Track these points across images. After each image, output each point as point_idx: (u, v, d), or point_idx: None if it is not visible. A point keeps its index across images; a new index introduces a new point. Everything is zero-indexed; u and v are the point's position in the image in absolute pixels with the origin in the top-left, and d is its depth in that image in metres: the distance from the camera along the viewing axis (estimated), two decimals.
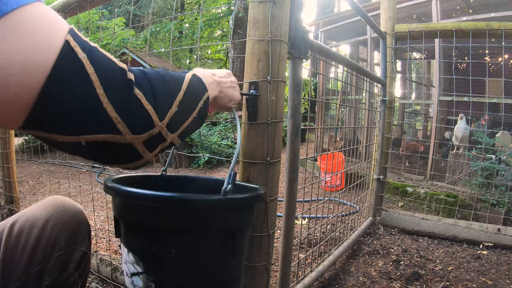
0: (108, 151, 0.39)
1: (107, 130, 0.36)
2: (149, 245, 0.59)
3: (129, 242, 0.62)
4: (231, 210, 0.61)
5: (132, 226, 0.61)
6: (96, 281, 1.41)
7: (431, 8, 3.77)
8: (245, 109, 0.84)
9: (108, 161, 0.42)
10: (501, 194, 2.48)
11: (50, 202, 0.72)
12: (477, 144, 3.15)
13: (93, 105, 0.34)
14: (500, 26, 1.89)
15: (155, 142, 0.43)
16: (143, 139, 0.41)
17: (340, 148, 4.28)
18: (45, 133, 0.33)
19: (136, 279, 0.61)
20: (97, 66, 0.34)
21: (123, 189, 0.57)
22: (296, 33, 0.88)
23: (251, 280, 0.89)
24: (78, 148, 0.37)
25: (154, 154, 0.45)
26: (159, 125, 0.42)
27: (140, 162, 0.44)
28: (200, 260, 0.60)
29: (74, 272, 0.71)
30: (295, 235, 1.12)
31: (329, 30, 5.43)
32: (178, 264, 0.58)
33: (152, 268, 0.59)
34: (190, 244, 0.58)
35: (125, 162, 0.43)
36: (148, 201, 0.55)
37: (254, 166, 0.84)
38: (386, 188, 3.02)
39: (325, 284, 1.45)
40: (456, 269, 1.59)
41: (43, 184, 3.44)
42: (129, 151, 0.41)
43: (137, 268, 0.60)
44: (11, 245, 0.65)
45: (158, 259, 0.59)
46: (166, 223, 0.57)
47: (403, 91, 6.52)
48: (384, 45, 2.14)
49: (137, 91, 0.39)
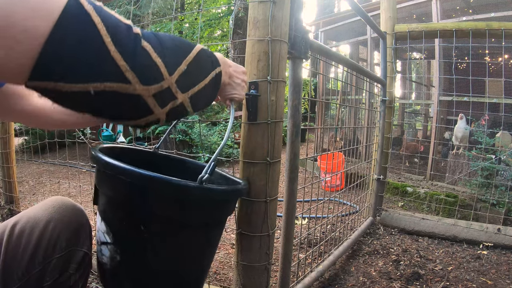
0: (117, 104, 0.38)
1: (115, 78, 0.36)
2: (121, 219, 0.59)
3: (104, 212, 0.63)
4: (203, 200, 0.60)
5: (108, 197, 0.62)
6: (96, 281, 1.41)
7: (431, 8, 3.77)
8: (245, 109, 0.84)
9: (118, 115, 0.41)
10: (501, 194, 2.48)
11: (51, 203, 0.72)
12: (477, 144, 3.15)
13: (101, 52, 0.34)
14: (500, 26, 1.89)
15: (166, 98, 0.43)
16: (153, 92, 0.40)
17: (340, 148, 4.28)
18: (52, 83, 0.33)
19: (104, 248, 0.62)
20: (104, 18, 0.35)
21: (102, 158, 0.58)
22: (296, 33, 0.88)
23: (251, 280, 0.89)
24: (86, 100, 0.36)
25: (165, 111, 0.43)
26: (168, 79, 0.41)
27: (150, 118, 0.42)
28: (167, 242, 0.60)
29: (75, 273, 0.71)
30: (295, 235, 1.12)
31: (329, 30, 5.43)
32: (145, 241, 0.59)
33: (119, 241, 0.60)
34: (160, 226, 0.58)
35: (136, 117, 0.42)
36: (122, 175, 0.55)
37: (254, 166, 0.84)
38: (386, 188, 3.02)
39: (325, 284, 1.45)
40: (456, 269, 1.59)
41: (43, 184, 3.44)
42: (139, 104, 0.40)
43: (106, 238, 0.61)
44: (13, 246, 0.65)
45: (127, 233, 0.59)
46: (138, 200, 0.57)
47: (403, 91, 6.52)
48: (384, 45, 2.14)
49: (145, 44, 0.39)
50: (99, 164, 0.59)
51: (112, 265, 0.62)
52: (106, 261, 0.62)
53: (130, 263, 0.61)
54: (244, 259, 0.88)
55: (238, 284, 0.90)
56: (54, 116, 0.68)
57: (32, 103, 0.66)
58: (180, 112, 0.47)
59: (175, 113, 0.46)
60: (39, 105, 0.66)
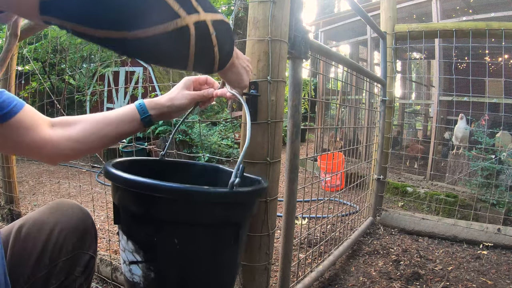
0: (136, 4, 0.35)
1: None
2: (151, 235, 0.57)
3: (129, 230, 0.60)
4: (237, 204, 0.60)
5: (134, 214, 0.60)
6: (96, 281, 1.41)
7: (431, 8, 3.77)
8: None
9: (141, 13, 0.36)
10: (501, 194, 2.48)
11: (58, 206, 0.72)
12: (477, 144, 3.15)
13: None
14: (500, 26, 1.89)
15: (186, 4, 0.40)
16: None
17: (340, 148, 4.28)
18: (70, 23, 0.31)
19: (135, 268, 0.60)
20: None
21: (124, 177, 0.55)
22: (296, 33, 0.88)
23: (251, 280, 0.89)
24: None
25: (191, 20, 0.40)
26: None
27: (179, 23, 0.39)
28: (202, 251, 0.58)
29: (81, 276, 0.71)
30: (295, 235, 1.12)
31: (329, 30, 5.43)
32: (180, 254, 0.57)
33: (152, 258, 0.58)
34: (193, 235, 0.57)
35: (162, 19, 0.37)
36: (154, 192, 0.53)
37: (254, 166, 0.84)
38: (386, 188, 3.02)
39: (325, 284, 1.45)
40: (456, 269, 1.59)
41: (43, 184, 3.44)
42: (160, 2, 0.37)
43: (136, 257, 0.59)
44: (19, 248, 0.65)
45: (159, 249, 0.57)
46: (170, 214, 0.55)
47: (403, 91, 6.51)
48: (384, 45, 2.14)
49: None
50: (120, 182, 0.57)
51: (146, 284, 0.59)
52: (138, 280, 0.60)
53: (167, 278, 0.59)
54: (244, 259, 0.88)
55: (238, 284, 0.90)
56: (61, 145, 0.66)
57: (40, 133, 0.64)
58: (205, 35, 0.43)
59: (202, 31, 0.42)
60: (47, 136, 0.65)
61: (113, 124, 0.69)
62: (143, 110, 0.71)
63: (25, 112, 0.63)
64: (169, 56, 0.42)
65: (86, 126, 0.68)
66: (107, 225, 2.11)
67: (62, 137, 0.66)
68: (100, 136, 0.68)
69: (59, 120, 0.69)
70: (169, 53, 0.41)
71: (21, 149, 0.66)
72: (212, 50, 0.45)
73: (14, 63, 2.02)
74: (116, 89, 6.07)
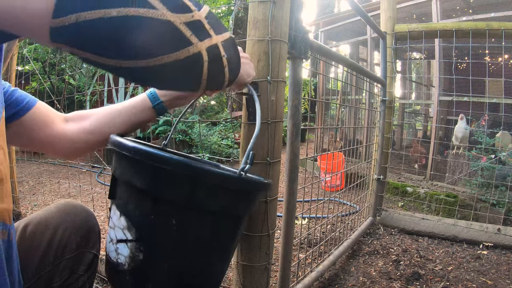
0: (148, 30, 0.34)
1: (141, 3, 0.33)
2: (148, 213, 0.53)
3: (124, 206, 0.56)
4: (242, 192, 0.57)
5: (133, 188, 0.56)
6: (96, 280, 1.41)
7: (431, 8, 3.77)
8: (245, 109, 0.84)
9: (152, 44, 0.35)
10: (501, 194, 2.48)
11: (62, 206, 0.74)
12: (477, 144, 3.15)
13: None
14: (500, 26, 1.89)
15: (199, 30, 0.39)
16: (184, 20, 0.37)
17: (340, 148, 4.28)
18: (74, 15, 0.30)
19: (123, 246, 0.55)
20: None
21: (132, 145, 0.52)
22: (296, 33, 0.88)
23: (251, 280, 0.89)
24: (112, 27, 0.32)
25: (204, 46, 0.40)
26: (197, 13, 0.39)
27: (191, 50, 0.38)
28: (199, 237, 0.55)
29: (84, 274, 0.73)
30: (295, 235, 1.12)
31: (329, 30, 5.42)
32: (175, 237, 0.54)
33: (145, 237, 0.54)
34: (193, 219, 0.54)
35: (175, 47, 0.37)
36: (162, 163, 0.49)
37: (254, 166, 0.84)
38: (386, 188, 3.02)
39: (325, 284, 1.45)
40: (456, 269, 1.59)
41: (43, 184, 3.44)
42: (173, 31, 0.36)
43: (126, 234, 0.55)
44: (24, 247, 0.66)
45: (154, 228, 0.54)
46: (173, 192, 0.52)
47: (403, 91, 6.51)
48: (384, 45, 2.14)
49: None
50: (127, 150, 0.53)
51: (132, 266, 0.55)
52: (123, 261, 0.55)
53: (155, 262, 0.55)
54: (244, 259, 0.88)
55: (238, 284, 0.90)
56: (75, 138, 0.67)
57: (54, 129, 0.65)
58: (217, 59, 0.43)
59: (214, 55, 0.42)
60: (61, 130, 0.66)
61: (125, 115, 0.70)
62: (155, 98, 0.71)
63: (38, 109, 0.64)
64: (181, 82, 0.42)
65: (99, 117, 0.69)
66: (107, 225, 2.11)
67: (77, 130, 0.67)
68: (113, 127, 0.68)
69: (73, 115, 0.70)
70: (182, 80, 0.41)
71: (36, 145, 0.67)
72: (223, 72, 0.45)
73: (14, 63, 2.02)
74: (116, 89, 6.08)
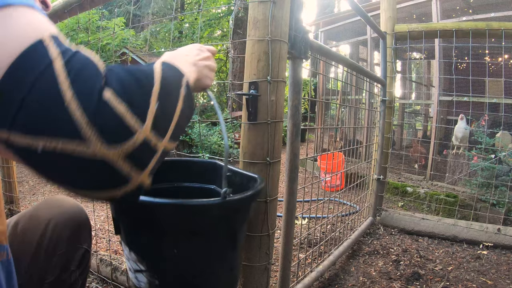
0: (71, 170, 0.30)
1: (69, 133, 0.29)
2: (151, 246, 0.59)
3: (130, 242, 0.62)
4: (231, 210, 0.61)
5: (133, 226, 0.61)
6: (96, 281, 1.41)
7: (431, 8, 3.77)
8: (245, 109, 0.84)
9: (78, 185, 0.32)
10: (501, 194, 2.48)
11: (52, 202, 0.73)
12: (477, 144, 3.15)
13: (55, 100, 0.29)
14: (500, 26, 1.89)
15: (144, 155, 0.34)
16: (126, 153, 0.31)
17: (340, 148, 4.28)
18: (5, 132, 0.29)
19: (140, 276, 0.62)
20: (71, 66, 0.30)
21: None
22: (296, 33, 0.88)
23: (251, 280, 0.89)
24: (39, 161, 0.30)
25: (147, 172, 0.35)
26: (142, 131, 0.33)
27: (129, 188, 0.33)
28: (202, 257, 0.60)
29: (76, 270, 0.72)
30: (295, 235, 1.12)
31: (329, 30, 5.42)
32: (180, 262, 0.59)
33: (154, 267, 0.60)
34: (192, 243, 0.59)
35: (105, 187, 0.32)
36: (150, 208, 0.54)
37: (254, 166, 0.84)
38: (386, 188, 3.02)
39: (325, 284, 1.45)
40: (456, 269, 1.59)
41: (43, 184, 3.44)
42: (105, 170, 0.31)
43: (139, 266, 0.61)
44: (16, 244, 0.66)
45: (159, 258, 0.59)
46: (166, 226, 0.57)
47: (403, 91, 6.50)
48: (384, 45, 2.14)
49: (108, 94, 0.31)
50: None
51: None
52: (145, 286, 0.63)
53: (171, 284, 0.62)
54: (244, 259, 0.88)
55: (238, 284, 0.90)
56: None
57: None
58: (163, 158, 0.38)
59: (158, 164, 0.37)
60: None
61: None
62: None
63: None
64: None
65: None
66: (107, 225, 2.11)
67: None
68: None
69: None
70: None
71: None
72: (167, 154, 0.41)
73: None
74: None
